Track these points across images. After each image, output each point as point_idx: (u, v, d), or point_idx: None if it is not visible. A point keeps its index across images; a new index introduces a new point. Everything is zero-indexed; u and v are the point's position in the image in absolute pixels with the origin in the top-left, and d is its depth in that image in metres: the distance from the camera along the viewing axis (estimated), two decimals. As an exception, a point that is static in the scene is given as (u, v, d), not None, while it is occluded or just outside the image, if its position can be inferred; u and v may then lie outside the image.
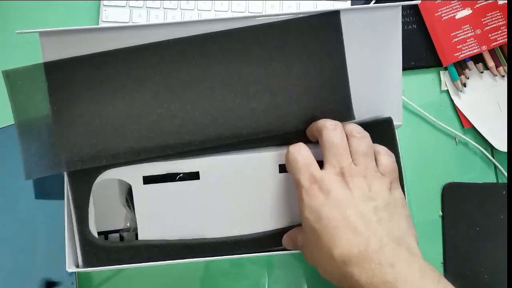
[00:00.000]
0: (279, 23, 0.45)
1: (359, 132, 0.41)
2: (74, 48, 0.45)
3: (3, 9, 0.59)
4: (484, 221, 0.56)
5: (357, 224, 0.35)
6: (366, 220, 0.35)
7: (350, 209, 0.36)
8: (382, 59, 0.48)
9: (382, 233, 0.35)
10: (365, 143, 0.40)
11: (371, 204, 0.36)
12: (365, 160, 0.39)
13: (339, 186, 0.37)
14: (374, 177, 0.38)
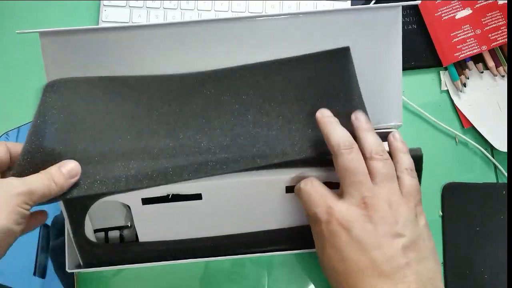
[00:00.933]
0: (297, 58, 0.46)
1: (379, 153, 0.38)
2: (74, 48, 0.45)
3: (3, 9, 0.59)
4: (484, 221, 0.56)
5: (384, 269, 0.33)
6: (394, 265, 0.33)
7: (376, 251, 0.33)
8: (382, 59, 0.48)
9: (410, 278, 0.33)
10: (387, 165, 0.37)
11: (399, 243, 0.34)
12: (388, 184, 0.36)
13: (362, 221, 0.34)
14: (399, 204, 0.35)
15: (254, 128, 0.42)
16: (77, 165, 0.39)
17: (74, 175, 0.39)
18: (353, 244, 0.34)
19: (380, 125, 0.50)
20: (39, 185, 0.36)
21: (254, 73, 0.45)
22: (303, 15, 0.46)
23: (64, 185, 0.38)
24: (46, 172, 0.38)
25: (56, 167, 0.38)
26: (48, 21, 0.59)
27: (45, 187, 0.37)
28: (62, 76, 0.45)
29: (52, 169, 0.38)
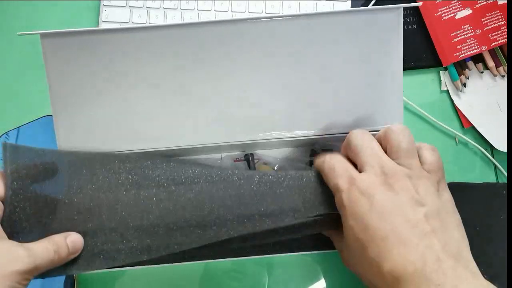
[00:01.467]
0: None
1: (397, 126, 0.37)
2: (75, 49, 0.45)
3: (3, 8, 0.59)
4: (484, 221, 0.56)
5: (409, 236, 0.31)
6: (419, 231, 0.31)
7: (398, 217, 0.31)
8: (384, 61, 0.48)
9: (438, 247, 0.31)
10: (406, 137, 0.35)
11: (421, 211, 0.32)
12: (408, 158, 0.34)
13: (383, 189, 0.33)
14: (420, 178, 0.34)
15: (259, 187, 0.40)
16: (81, 239, 0.36)
17: (77, 251, 0.36)
18: (375, 212, 0.32)
19: (381, 126, 0.50)
20: (44, 259, 0.33)
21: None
22: (303, 17, 0.46)
23: (65, 260, 0.35)
24: (53, 243, 0.34)
25: (61, 237, 0.35)
26: (48, 21, 0.59)
27: (49, 261, 0.33)
28: (63, 77, 0.45)
29: (57, 239, 0.35)
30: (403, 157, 0.35)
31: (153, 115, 0.48)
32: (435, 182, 0.35)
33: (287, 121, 0.49)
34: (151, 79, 0.47)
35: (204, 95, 0.48)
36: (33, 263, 0.32)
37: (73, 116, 0.47)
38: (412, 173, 0.34)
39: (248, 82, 0.48)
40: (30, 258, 0.32)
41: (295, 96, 0.48)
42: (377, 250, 0.31)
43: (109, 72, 0.46)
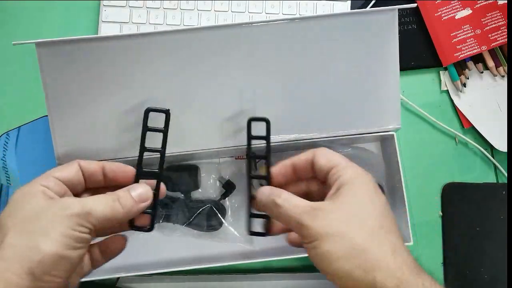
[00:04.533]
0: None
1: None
2: (70, 57, 0.45)
3: (4, 8, 0.59)
4: (484, 221, 0.56)
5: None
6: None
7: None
8: (380, 62, 0.48)
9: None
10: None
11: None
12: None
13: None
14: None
15: None
16: (148, 189, 0.36)
17: (144, 200, 0.36)
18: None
19: (379, 128, 0.50)
20: (99, 205, 0.33)
21: None
22: (299, 21, 0.46)
23: (132, 209, 0.35)
24: (112, 193, 0.35)
25: (124, 189, 0.35)
26: (48, 21, 0.59)
27: (107, 208, 0.33)
28: (59, 84, 0.46)
29: (120, 191, 0.35)
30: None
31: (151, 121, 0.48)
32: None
33: (284, 125, 0.49)
34: (146, 85, 0.47)
35: (202, 100, 0.48)
36: (83, 208, 0.32)
37: (69, 123, 0.47)
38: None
39: (245, 86, 0.48)
40: (80, 203, 0.32)
41: (292, 100, 0.48)
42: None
43: (104, 78, 0.46)
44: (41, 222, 0.31)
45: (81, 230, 0.32)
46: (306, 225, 0.33)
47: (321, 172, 0.37)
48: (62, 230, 0.31)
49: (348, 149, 0.53)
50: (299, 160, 0.38)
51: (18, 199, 0.33)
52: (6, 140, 0.56)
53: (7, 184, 0.55)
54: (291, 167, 0.39)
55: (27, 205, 0.32)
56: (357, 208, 0.34)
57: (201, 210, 0.51)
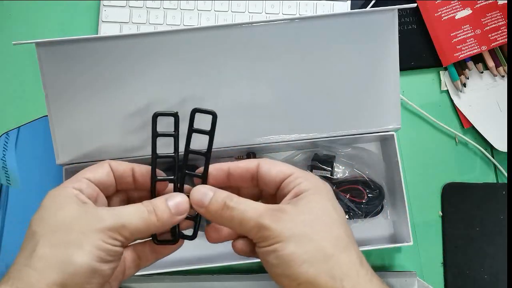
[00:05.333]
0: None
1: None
2: (70, 57, 0.45)
3: (4, 8, 0.59)
4: (484, 221, 0.56)
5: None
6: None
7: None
8: (380, 62, 0.48)
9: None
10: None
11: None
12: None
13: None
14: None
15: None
16: (186, 200, 0.34)
17: (181, 213, 0.33)
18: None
19: (379, 128, 0.50)
20: (133, 218, 0.31)
21: None
22: (299, 21, 0.46)
23: (168, 222, 0.33)
24: (148, 203, 0.33)
25: (161, 199, 0.33)
26: (48, 21, 0.59)
27: (141, 220, 0.31)
28: (59, 84, 0.45)
29: (157, 200, 0.33)
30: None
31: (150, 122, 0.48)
32: None
33: (284, 125, 0.49)
34: (146, 85, 0.47)
35: (201, 100, 0.48)
36: (117, 221, 0.30)
37: (69, 123, 0.47)
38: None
39: (245, 86, 0.48)
40: (114, 216, 0.31)
41: (292, 100, 0.48)
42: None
43: (104, 78, 0.46)
44: (74, 233, 0.30)
45: (114, 243, 0.30)
46: (267, 227, 0.31)
47: (270, 182, 0.35)
48: (95, 243, 0.29)
49: (348, 149, 0.53)
50: (236, 167, 0.36)
51: (51, 204, 0.32)
52: (6, 140, 0.56)
53: (7, 184, 0.55)
54: (225, 172, 0.36)
55: (60, 211, 0.31)
56: (322, 214, 0.32)
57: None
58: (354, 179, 0.53)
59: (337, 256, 0.31)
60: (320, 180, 0.35)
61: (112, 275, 0.31)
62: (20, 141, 0.56)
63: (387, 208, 0.53)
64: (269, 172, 0.35)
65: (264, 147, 0.50)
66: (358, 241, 0.50)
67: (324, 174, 0.51)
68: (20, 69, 0.58)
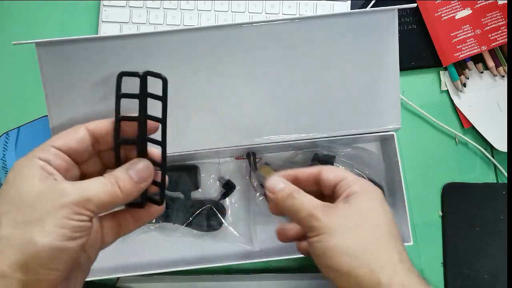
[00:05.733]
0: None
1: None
2: (70, 57, 0.45)
3: (4, 8, 0.59)
4: (484, 221, 0.56)
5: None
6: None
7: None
8: (380, 62, 0.48)
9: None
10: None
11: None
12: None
13: None
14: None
15: None
16: (148, 165, 0.33)
17: (145, 179, 0.33)
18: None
19: (379, 128, 0.50)
20: (98, 191, 0.30)
21: None
22: (298, 21, 0.46)
23: (133, 191, 0.32)
24: (110, 175, 0.32)
25: (122, 168, 0.32)
26: (48, 21, 0.59)
27: (106, 194, 0.31)
28: (59, 84, 0.45)
29: (118, 172, 0.32)
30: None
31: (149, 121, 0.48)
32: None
33: (284, 125, 0.49)
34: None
35: (201, 100, 0.48)
36: (81, 195, 0.29)
37: (69, 123, 0.47)
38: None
39: (244, 86, 0.48)
40: (78, 190, 0.30)
41: (292, 100, 0.48)
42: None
43: (104, 78, 0.46)
44: (37, 210, 0.29)
45: (80, 218, 0.29)
46: (317, 217, 0.34)
47: (328, 185, 0.38)
48: (58, 220, 0.28)
49: (348, 149, 0.53)
50: (303, 172, 0.40)
51: (14, 178, 0.30)
52: (6, 140, 0.56)
53: (7, 184, 0.55)
54: (294, 177, 0.40)
55: (23, 186, 0.30)
56: (368, 212, 0.35)
57: (201, 210, 0.51)
58: (354, 179, 0.53)
59: (376, 251, 0.33)
60: (371, 183, 0.38)
61: (81, 250, 0.30)
62: (20, 141, 0.56)
63: (387, 208, 0.53)
64: (328, 176, 0.38)
65: (264, 147, 0.50)
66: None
67: (324, 174, 0.51)
68: (20, 69, 0.58)
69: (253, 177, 0.53)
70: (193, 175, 0.53)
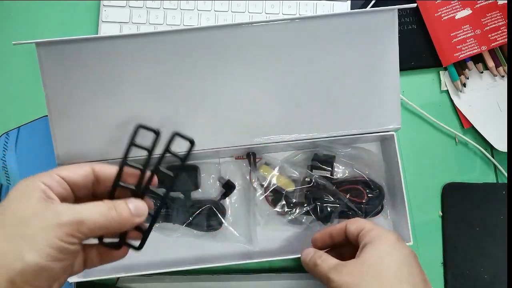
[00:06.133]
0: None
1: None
2: (70, 57, 0.45)
3: (4, 8, 0.59)
4: (484, 221, 0.56)
5: None
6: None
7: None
8: (380, 62, 0.48)
9: None
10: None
11: None
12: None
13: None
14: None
15: None
16: (145, 206, 0.35)
17: (140, 215, 0.35)
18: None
19: (379, 128, 0.50)
20: (93, 213, 0.32)
21: None
22: (298, 21, 0.46)
23: (127, 221, 0.34)
24: (109, 201, 0.33)
25: (121, 200, 0.34)
26: (48, 21, 0.59)
27: (101, 216, 0.32)
28: (59, 84, 0.45)
29: (116, 201, 0.34)
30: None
31: (150, 121, 0.48)
32: None
33: (284, 125, 0.49)
34: (147, 85, 0.47)
35: (201, 101, 0.48)
36: (75, 216, 0.31)
37: (69, 123, 0.47)
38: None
39: (244, 86, 0.48)
40: (72, 211, 0.31)
41: (292, 100, 0.49)
42: None
43: (104, 78, 0.46)
44: (30, 228, 0.30)
45: (70, 241, 0.30)
46: (332, 279, 0.38)
47: (352, 236, 0.42)
48: (49, 240, 0.29)
49: (348, 149, 0.53)
50: (335, 229, 0.44)
51: (15, 196, 0.32)
52: (6, 140, 0.56)
53: (7, 184, 0.55)
54: (329, 235, 0.44)
55: (21, 204, 0.31)
56: (377, 261, 0.38)
57: (201, 210, 0.51)
58: (354, 179, 0.53)
59: None
60: (384, 229, 0.41)
61: (62, 273, 0.32)
62: (20, 141, 0.56)
63: (387, 208, 0.53)
64: (350, 229, 0.42)
65: (264, 147, 0.50)
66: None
67: (324, 174, 0.51)
68: (20, 69, 0.58)
69: (253, 177, 0.53)
70: (193, 175, 0.53)
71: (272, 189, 0.52)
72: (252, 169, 0.53)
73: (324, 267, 0.40)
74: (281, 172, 0.53)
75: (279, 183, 0.52)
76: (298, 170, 0.53)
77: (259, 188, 0.52)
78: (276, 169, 0.53)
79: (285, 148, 0.54)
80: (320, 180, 0.51)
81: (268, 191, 0.52)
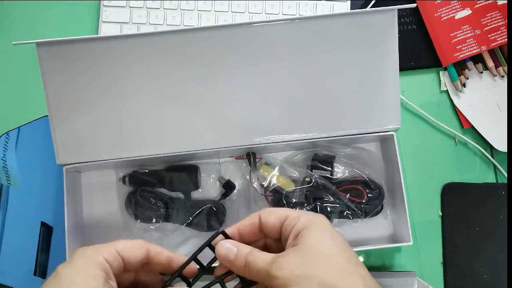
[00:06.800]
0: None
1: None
2: (71, 57, 0.45)
3: (4, 8, 0.59)
4: (484, 221, 0.56)
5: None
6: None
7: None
8: (380, 62, 0.48)
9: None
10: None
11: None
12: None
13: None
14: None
15: None
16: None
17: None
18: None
19: (379, 128, 0.50)
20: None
21: None
22: (298, 21, 0.46)
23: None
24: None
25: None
26: (48, 21, 0.59)
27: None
28: (59, 84, 0.45)
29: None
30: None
31: (151, 121, 0.48)
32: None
33: (284, 125, 0.49)
34: (147, 85, 0.47)
35: (200, 101, 0.48)
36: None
37: (69, 123, 0.47)
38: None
39: (244, 86, 0.48)
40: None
41: (292, 100, 0.49)
42: None
43: (104, 78, 0.46)
44: None
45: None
46: (274, 275, 0.33)
47: (273, 230, 0.36)
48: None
49: (348, 149, 0.53)
50: (242, 224, 0.37)
51: (77, 272, 0.32)
52: (6, 140, 0.56)
53: (7, 184, 0.55)
54: (236, 233, 0.37)
55: (77, 277, 0.32)
56: (320, 247, 0.33)
57: (201, 210, 0.51)
58: (354, 179, 0.53)
59: (339, 285, 0.32)
60: (314, 213, 0.36)
61: None
62: (20, 141, 0.56)
63: (387, 208, 0.53)
64: (267, 220, 0.36)
65: (264, 147, 0.50)
66: (358, 241, 0.51)
67: (324, 174, 0.51)
68: (20, 69, 0.58)
69: (253, 177, 0.53)
70: (193, 175, 0.53)
71: (272, 189, 0.52)
72: (252, 169, 0.53)
73: (260, 264, 0.34)
74: (281, 172, 0.53)
75: (279, 183, 0.52)
76: (298, 170, 0.53)
77: (259, 188, 0.52)
78: (276, 169, 0.53)
79: (285, 148, 0.54)
80: (320, 180, 0.51)
81: (268, 191, 0.52)
